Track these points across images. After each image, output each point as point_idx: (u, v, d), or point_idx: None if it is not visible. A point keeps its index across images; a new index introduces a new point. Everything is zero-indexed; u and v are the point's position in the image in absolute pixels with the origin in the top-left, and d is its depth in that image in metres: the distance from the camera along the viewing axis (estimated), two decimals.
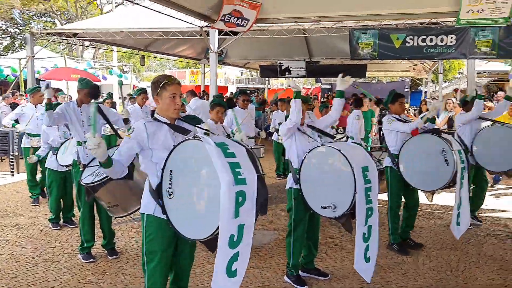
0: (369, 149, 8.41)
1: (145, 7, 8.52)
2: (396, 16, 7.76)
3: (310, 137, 3.95)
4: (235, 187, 2.26)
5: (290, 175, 3.95)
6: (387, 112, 5.35)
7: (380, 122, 11.39)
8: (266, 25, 8.89)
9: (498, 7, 6.87)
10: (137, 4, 9.97)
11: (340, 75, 4.07)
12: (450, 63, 24.18)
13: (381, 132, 12.32)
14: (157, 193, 2.63)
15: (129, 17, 11.76)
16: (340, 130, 9.00)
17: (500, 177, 8.39)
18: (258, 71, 16.61)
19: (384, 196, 6.49)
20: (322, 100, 17.65)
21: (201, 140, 2.43)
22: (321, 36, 10.91)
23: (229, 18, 7.31)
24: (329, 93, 20.61)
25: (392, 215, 4.86)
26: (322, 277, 4.03)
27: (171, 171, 2.57)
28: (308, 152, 3.74)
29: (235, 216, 2.27)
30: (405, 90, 21.16)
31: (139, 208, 2.85)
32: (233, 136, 6.09)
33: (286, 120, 3.91)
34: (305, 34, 10.70)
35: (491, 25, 7.19)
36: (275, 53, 14.13)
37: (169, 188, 2.56)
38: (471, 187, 5.65)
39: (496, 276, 4.16)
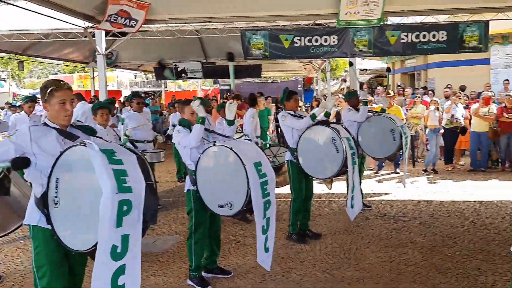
0: (267, 146, 8.67)
1: (19, 7, 7.76)
2: (284, 17, 8.12)
3: (205, 139, 3.93)
4: (118, 195, 2.15)
5: (187, 177, 3.90)
6: (283, 110, 5.55)
7: (277, 120, 11.83)
8: (157, 25, 8.68)
9: (371, 10, 7.55)
10: (10, 4, 9.05)
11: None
12: (336, 62, 26.02)
13: (279, 129, 12.82)
14: (42, 202, 2.48)
15: (1, 18, 10.62)
16: (239, 129, 9.16)
17: (383, 164, 9.24)
18: (153, 74, 16.16)
19: (281, 190, 6.75)
20: (222, 101, 17.77)
21: (86, 146, 2.31)
22: (214, 37, 10.96)
23: (115, 19, 6.98)
24: (228, 93, 20.83)
25: (295, 207, 5.04)
26: (225, 275, 4.05)
27: (57, 178, 2.43)
28: (202, 153, 3.72)
29: (117, 225, 2.15)
30: (299, 88, 22.19)
31: (21, 225, 2.60)
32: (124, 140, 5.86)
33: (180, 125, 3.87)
34: (198, 34, 10.67)
35: (366, 26, 7.86)
36: (170, 55, 13.87)
37: (55, 197, 2.43)
38: None
39: (382, 254, 4.56)
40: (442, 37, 8.15)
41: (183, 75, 13.72)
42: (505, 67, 13.84)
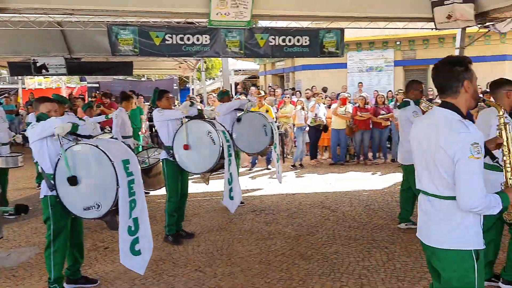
0: (140, 148, 8.36)
1: None
2: (154, 14, 7.87)
3: (64, 138, 3.62)
4: None
5: (43, 182, 3.55)
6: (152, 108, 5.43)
7: (150, 119, 11.48)
8: (8, 15, 7.72)
9: (241, 12, 7.77)
10: None
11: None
12: (212, 62, 26.31)
13: (153, 129, 12.46)
14: None
15: None
16: (108, 129, 8.67)
17: (256, 161, 9.63)
18: (7, 69, 14.38)
19: (154, 192, 6.60)
20: (89, 99, 16.59)
21: None
22: (79, 31, 10.14)
23: None
24: (97, 91, 19.54)
25: (171, 207, 4.95)
26: (90, 284, 3.80)
27: None
28: (62, 153, 3.43)
29: None
30: (174, 87, 21.92)
31: None
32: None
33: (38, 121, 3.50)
34: (59, 27, 9.78)
35: (237, 27, 8.06)
36: (28, 48, 12.44)
37: None
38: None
39: (253, 247, 4.74)
40: (306, 42, 8.74)
41: (44, 71, 12.47)
42: (359, 71, 15.51)
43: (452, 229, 2.13)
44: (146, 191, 6.89)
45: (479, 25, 8.23)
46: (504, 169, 2.42)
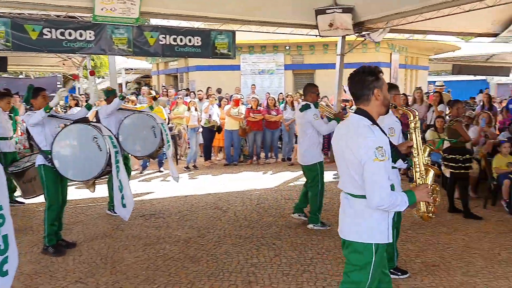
0: (17, 155, 7.53)
1: None
2: (30, 5, 7.19)
3: None
4: None
5: None
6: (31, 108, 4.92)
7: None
8: None
9: (128, 8, 7.46)
10: None
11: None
12: (101, 60, 24.91)
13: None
14: None
15: None
16: None
17: (148, 163, 9.32)
18: None
19: (27, 200, 6.00)
20: None
21: None
22: None
23: None
24: None
25: (51, 215, 4.55)
26: None
27: None
28: None
29: None
30: (58, 86, 20.28)
31: None
32: None
33: None
34: None
35: (124, 23, 7.72)
36: None
37: None
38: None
39: (141, 253, 4.55)
40: (198, 42, 8.70)
41: None
42: (252, 73, 15.93)
43: (359, 224, 2.35)
44: (21, 201, 6.27)
45: (356, 34, 9.00)
46: (413, 170, 2.67)
